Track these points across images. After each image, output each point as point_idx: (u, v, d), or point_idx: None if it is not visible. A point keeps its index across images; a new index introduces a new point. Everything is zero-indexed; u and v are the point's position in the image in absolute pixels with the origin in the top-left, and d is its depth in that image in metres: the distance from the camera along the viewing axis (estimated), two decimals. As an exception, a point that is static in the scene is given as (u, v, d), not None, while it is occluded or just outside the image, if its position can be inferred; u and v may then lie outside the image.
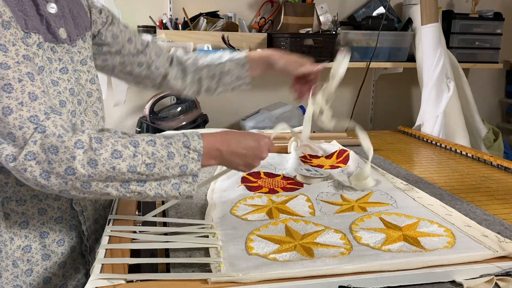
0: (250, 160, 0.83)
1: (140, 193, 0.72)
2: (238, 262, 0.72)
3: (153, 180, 0.73)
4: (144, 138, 0.73)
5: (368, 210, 0.97)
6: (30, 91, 0.68)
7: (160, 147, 0.73)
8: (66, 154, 0.67)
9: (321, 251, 0.76)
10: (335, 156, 1.35)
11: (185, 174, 0.74)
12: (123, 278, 0.66)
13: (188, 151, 0.75)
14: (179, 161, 0.73)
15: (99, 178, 0.69)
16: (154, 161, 0.71)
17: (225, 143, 0.81)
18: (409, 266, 0.70)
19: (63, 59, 0.81)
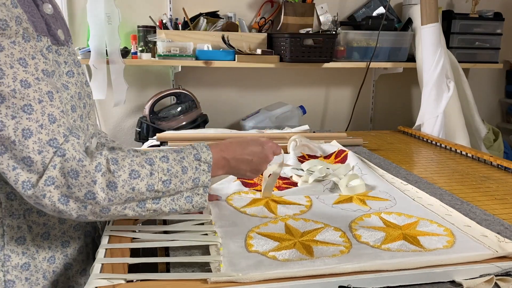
0: (257, 166, 0.85)
1: (156, 210, 0.73)
2: (238, 260, 0.72)
3: (167, 196, 0.73)
4: (157, 155, 0.73)
5: (368, 204, 0.97)
6: (49, 113, 0.66)
7: (173, 162, 0.74)
8: (87, 179, 0.66)
9: (320, 249, 0.77)
10: (334, 156, 1.35)
11: (197, 186, 0.76)
12: (122, 278, 0.66)
13: (199, 163, 0.76)
14: (192, 175, 0.75)
15: (118, 201, 0.68)
16: (170, 177, 0.72)
17: (231, 152, 0.82)
18: (409, 265, 0.70)
19: (68, 62, 0.80)
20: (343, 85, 2.39)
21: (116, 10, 1.86)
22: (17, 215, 0.75)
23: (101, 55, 1.86)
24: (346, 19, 2.30)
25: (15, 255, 0.75)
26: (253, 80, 2.27)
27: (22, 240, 0.76)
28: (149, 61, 1.96)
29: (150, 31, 1.97)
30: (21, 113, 0.64)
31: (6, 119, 0.63)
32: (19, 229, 0.75)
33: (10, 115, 0.63)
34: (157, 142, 1.53)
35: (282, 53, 1.99)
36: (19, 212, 0.75)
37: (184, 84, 2.15)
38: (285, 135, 1.54)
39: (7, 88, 0.63)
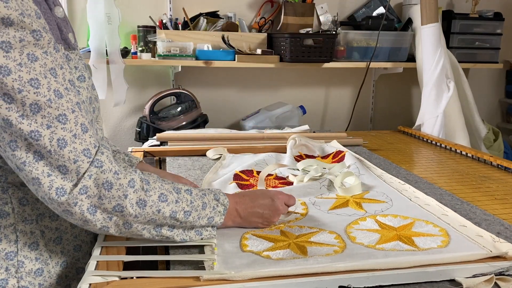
0: (268, 218, 0.86)
1: (168, 237, 0.74)
2: (232, 259, 0.73)
3: (182, 227, 0.75)
4: (182, 187, 0.76)
5: (364, 207, 0.97)
6: (81, 122, 0.67)
7: (196, 196, 0.76)
8: (119, 192, 0.67)
9: (314, 249, 0.77)
10: (331, 156, 1.35)
11: (210, 225, 0.78)
12: (117, 275, 0.66)
13: (217, 204, 0.79)
14: (209, 213, 0.77)
15: (142, 220, 0.70)
16: (191, 210, 0.74)
17: (242, 204, 0.84)
18: (402, 264, 0.70)
19: (78, 67, 0.79)
20: (343, 85, 2.39)
21: (116, 10, 1.86)
22: (30, 220, 0.75)
23: (101, 55, 1.86)
24: (346, 19, 2.30)
25: (28, 260, 0.74)
26: (253, 80, 2.27)
27: (35, 246, 0.75)
28: (149, 61, 1.96)
29: (150, 31, 1.97)
30: (56, 123, 0.64)
31: (41, 128, 0.63)
32: (32, 234, 0.75)
33: (46, 124, 0.64)
34: (157, 142, 1.53)
35: (282, 53, 1.99)
36: (31, 217, 0.75)
37: (184, 84, 2.15)
38: (285, 135, 1.54)
39: (43, 97, 0.63)
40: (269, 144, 1.47)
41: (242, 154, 1.37)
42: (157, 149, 1.41)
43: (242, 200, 0.85)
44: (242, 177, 1.16)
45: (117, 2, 1.87)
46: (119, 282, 0.65)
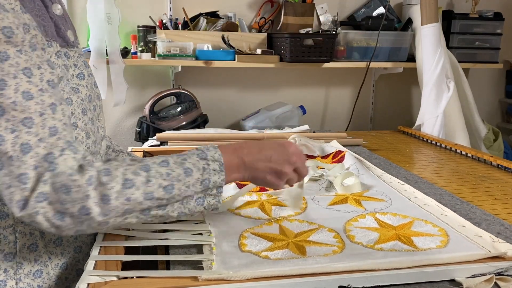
0: (277, 165, 0.74)
1: (163, 216, 0.68)
2: (230, 259, 0.73)
3: (174, 202, 0.68)
4: (156, 160, 0.68)
5: (363, 205, 0.97)
6: (50, 125, 0.63)
7: (174, 165, 0.67)
8: (79, 194, 0.61)
9: (313, 249, 0.77)
10: (331, 156, 1.35)
11: (208, 188, 0.69)
12: (115, 275, 0.66)
13: (207, 162, 0.70)
14: (200, 176, 0.68)
15: (115, 214, 0.63)
16: (172, 182, 0.66)
17: (245, 150, 0.74)
18: (400, 265, 0.70)
19: (78, 64, 0.77)
20: (343, 85, 2.39)
21: (116, 10, 1.86)
22: None
23: (101, 55, 1.86)
24: (346, 19, 2.30)
25: (27, 262, 0.73)
26: (253, 80, 2.27)
27: (35, 247, 0.74)
28: (149, 61, 1.96)
29: (150, 31, 1.97)
30: (21, 127, 0.60)
31: (5, 132, 0.60)
32: (31, 235, 0.74)
33: (10, 128, 0.60)
34: (157, 142, 1.53)
35: (282, 53, 1.99)
36: None
37: (184, 84, 2.15)
38: (285, 135, 1.54)
39: (7, 100, 0.60)
40: (269, 144, 1.46)
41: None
42: (157, 149, 1.41)
43: (244, 145, 0.75)
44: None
45: (117, 2, 1.87)
46: (117, 282, 0.65)
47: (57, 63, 0.71)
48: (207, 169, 0.69)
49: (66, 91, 0.72)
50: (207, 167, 0.69)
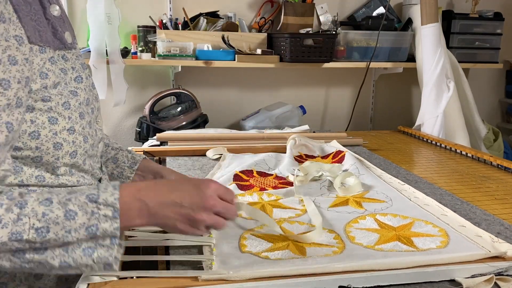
0: (189, 211, 0.63)
1: (41, 262, 0.58)
2: (230, 260, 0.72)
3: (55, 246, 0.58)
4: (39, 197, 0.59)
5: (364, 206, 0.97)
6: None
7: (56, 205, 0.59)
8: None
9: (313, 250, 0.77)
10: (331, 156, 1.35)
11: (95, 236, 0.59)
12: (115, 274, 0.66)
13: (98, 206, 0.60)
14: (85, 221, 0.58)
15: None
16: (47, 224, 0.57)
17: (152, 192, 0.64)
18: (400, 265, 0.70)
19: (75, 67, 0.76)
20: (343, 85, 2.39)
21: (116, 10, 1.86)
22: None
23: (101, 55, 1.86)
24: (346, 19, 2.30)
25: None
26: (253, 80, 2.27)
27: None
28: (149, 61, 1.96)
29: (150, 31, 1.97)
30: None
31: None
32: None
33: None
34: (157, 142, 1.53)
35: (282, 53, 1.99)
36: None
37: (184, 84, 2.15)
38: (285, 135, 1.54)
39: None
40: (269, 144, 1.47)
41: (242, 154, 1.37)
42: (157, 149, 1.41)
43: (155, 186, 0.65)
44: (242, 177, 1.16)
45: (117, 2, 1.87)
46: (117, 282, 0.65)
47: (51, 69, 0.70)
48: (96, 213, 0.59)
49: (64, 94, 0.71)
50: (96, 212, 0.59)
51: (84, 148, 0.75)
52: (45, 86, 0.68)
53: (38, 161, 0.70)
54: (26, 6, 0.66)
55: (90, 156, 0.78)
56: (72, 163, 0.73)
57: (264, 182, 1.13)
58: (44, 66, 0.68)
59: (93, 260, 0.59)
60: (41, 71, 0.68)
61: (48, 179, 0.72)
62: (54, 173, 0.72)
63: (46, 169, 0.71)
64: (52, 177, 0.72)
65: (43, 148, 0.69)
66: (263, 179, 1.16)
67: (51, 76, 0.69)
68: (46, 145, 0.69)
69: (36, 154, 0.69)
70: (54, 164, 0.71)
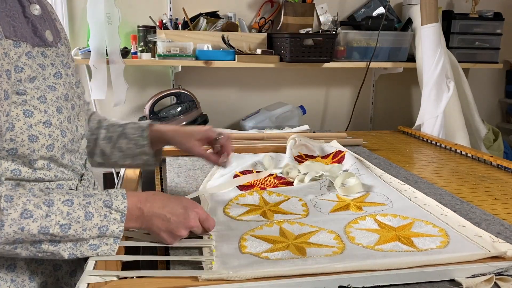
0: (173, 227, 0.75)
1: (53, 253, 0.68)
2: (230, 260, 0.72)
3: (67, 241, 0.68)
4: (61, 198, 0.68)
5: (364, 210, 0.97)
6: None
7: (77, 206, 0.68)
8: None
9: (313, 250, 0.77)
10: (331, 156, 1.35)
11: (104, 235, 0.70)
12: (115, 274, 0.66)
13: (110, 211, 0.70)
14: (99, 222, 0.69)
15: (5, 241, 0.64)
16: (70, 222, 0.67)
17: (149, 203, 0.75)
18: (400, 265, 0.70)
19: (55, 64, 0.78)
20: (343, 85, 2.39)
21: (116, 10, 1.86)
22: None
23: (101, 55, 1.86)
24: (346, 19, 2.30)
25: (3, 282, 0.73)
26: (253, 80, 2.27)
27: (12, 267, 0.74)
28: (149, 61, 1.96)
29: (150, 31, 1.97)
30: None
31: None
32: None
33: None
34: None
35: (282, 53, 1.99)
36: None
37: (184, 84, 2.15)
38: (285, 135, 1.54)
39: None
40: (269, 144, 1.47)
41: (242, 154, 1.37)
42: (157, 149, 1.40)
43: (152, 198, 0.76)
44: (242, 177, 1.16)
45: (117, 2, 1.87)
46: (117, 282, 0.65)
47: (28, 64, 0.71)
48: (108, 216, 0.70)
49: (41, 89, 0.72)
50: (108, 215, 0.70)
51: (62, 142, 0.76)
52: (19, 79, 0.70)
53: (14, 154, 0.71)
54: (1, 3, 0.69)
55: (69, 151, 0.79)
56: (49, 156, 0.74)
57: (264, 182, 1.13)
58: (20, 60, 0.70)
59: (97, 254, 0.70)
60: (15, 65, 0.70)
61: (25, 173, 0.73)
62: (31, 166, 0.73)
63: (23, 162, 0.73)
64: (29, 171, 0.73)
65: (17, 140, 0.70)
66: (263, 179, 1.16)
67: (26, 70, 0.71)
68: (20, 137, 0.70)
69: (11, 146, 0.70)
70: (30, 156, 0.72)
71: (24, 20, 0.73)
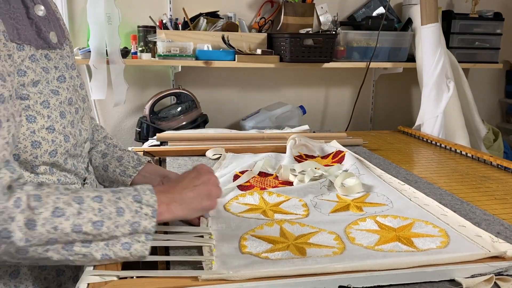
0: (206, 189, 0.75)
1: (86, 255, 0.64)
2: (230, 260, 0.72)
3: (100, 240, 0.65)
4: (89, 194, 0.65)
5: (364, 210, 0.97)
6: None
7: (107, 203, 0.65)
8: (4, 215, 0.58)
9: (313, 250, 0.77)
10: (331, 156, 1.35)
11: (137, 232, 0.66)
12: (115, 274, 0.66)
13: (141, 206, 0.67)
14: (130, 218, 0.66)
15: (38, 242, 0.60)
16: (102, 219, 0.64)
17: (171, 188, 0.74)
18: (401, 265, 0.70)
19: (59, 67, 0.76)
20: (343, 85, 2.39)
21: (116, 10, 1.86)
22: None
23: (101, 55, 1.86)
24: (346, 19, 2.30)
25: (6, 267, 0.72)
26: (253, 80, 2.27)
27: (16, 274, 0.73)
28: (149, 61, 1.96)
29: (150, 31, 1.97)
30: None
31: None
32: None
33: None
34: (157, 142, 1.53)
35: (282, 53, 1.99)
36: None
37: (184, 84, 2.15)
38: (285, 135, 1.54)
39: None
40: (269, 144, 1.47)
41: (242, 154, 1.37)
42: (157, 149, 1.41)
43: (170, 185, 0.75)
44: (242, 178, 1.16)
45: (117, 2, 1.87)
46: (117, 282, 0.65)
47: (31, 67, 0.70)
48: (139, 212, 0.67)
49: (44, 93, 0.71)
50: (139, 211, 0.67)
51: (65, 147, 0.75)
52: (22, 83, 0.69)
53: (16, 159, 0.70)
54: (5, 5, 0.67)
55: (72, 155, 0.78)
56: (52, 162, 0.73)
57: (264, 182, 1.13)
58: (23, 64, 0.69)
59: (130, 254, 0.66)
60: (18, 69, 0.68)
61: (27, 178, 0.72)
62: (34, 171, 0.72)
63: (25, 167, 0.72)
64: (31, 176, 0.72)
65: (20, 146, 0.69)
66: (263, 179, 1.16)
67: (29, 74, 0.70)
68: (23, 143, 0.69)
69: (13, 151, 0.68)
70: (32, 162, 0.71)
71: (27, 22, 0.71)
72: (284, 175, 1.15)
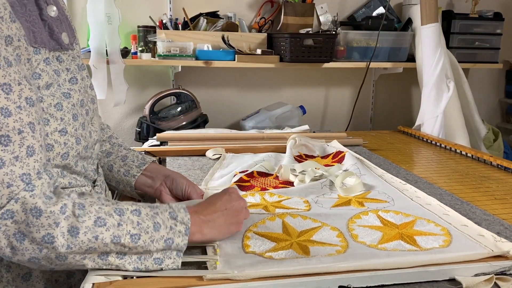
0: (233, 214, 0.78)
1: (118, 266, 0.65)
2: (234, 260, 0.73)
3: (134, 253, 0.66)
4: (129, 207, 0.67)
5: (366, 206, 0.97)
6: (29, 145, 0.62)
7: (145, 217, 0.67)
8: (50, 219, 0.60)
9: (317, 249, 0.77)
10: (331, 156, 1.35)
11: (169, 248, 0.68)
12: (120, 274, 0.66)
13: (175, 223, 0.69)
14: (165, 234, 0.67)
15: (78, 250, 0.61)
16: (140, 232, 0.65)
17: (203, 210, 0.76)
18: (404, 264, 0.70)
19: (70, 68, 0.76)
20: (343, 85, 2.39)
21: (116, 10, 1.86)
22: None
23: (101, 55, 1.86)
24: (346, 19, 2.30)
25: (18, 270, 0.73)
26: (253, 80, 2.27)
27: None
28: (149, 61, 1.96)
29: (150, 31, 1.97)
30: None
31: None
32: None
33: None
34: (157, 142, 1.53)
35: (282, 53, 1.99)
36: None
37: (184, 84, 2.15)
38: (285, 135, 1.54)
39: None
40: (269, 144, 1.47)
41: (242, 154, 1.37)
42: (157, 149, 1.41)
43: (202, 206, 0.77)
44: (243, 178, 1.16)
45: (117, 2, 1.87)
46: (122, 281, 0.65)
47: (45, 70, 0.70)
48: (173, 229, 0.68)
49: (56, 96, 0.71)
50: (174, 227, 0.68)
51: (76, 149, 0.74)
52: (37, 86, 0.68)
53: None
54: (22, 8, 0.66)
55: (83, 158, 0.78)
56: (63, 165, 0.73)
57: (264, 182, 1.13)
58: (38, 67, 0.68)
59: (161, 269, 0.67)
60: (34, 72, 0.68)
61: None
62: None
63: None
64: None
65: None
66: (264, 179, 1.16)
67: (44, 76, 0.69)
68: None
69: None
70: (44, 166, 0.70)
71: (41, 23, 0.70)
72: (285, 175, 1.15)
